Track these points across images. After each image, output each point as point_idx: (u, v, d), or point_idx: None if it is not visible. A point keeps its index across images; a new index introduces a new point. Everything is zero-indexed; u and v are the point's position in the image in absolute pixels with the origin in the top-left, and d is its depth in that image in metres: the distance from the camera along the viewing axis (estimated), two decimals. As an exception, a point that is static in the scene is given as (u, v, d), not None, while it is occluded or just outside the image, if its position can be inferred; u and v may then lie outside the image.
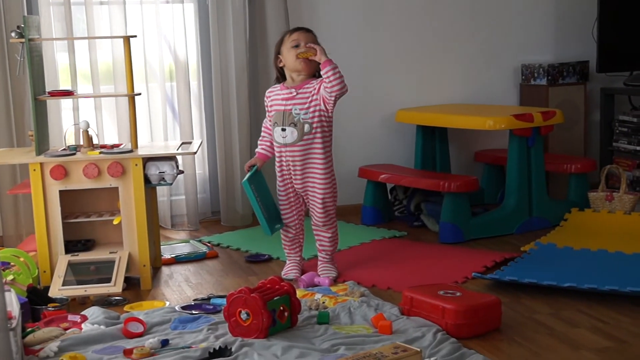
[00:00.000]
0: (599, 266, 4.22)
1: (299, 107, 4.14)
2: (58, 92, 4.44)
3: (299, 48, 4.12)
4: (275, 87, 4.27)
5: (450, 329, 3.37)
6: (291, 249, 4.39)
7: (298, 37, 4.15)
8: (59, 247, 4.21)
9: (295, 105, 4.14)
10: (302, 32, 4.19)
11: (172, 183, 4.33)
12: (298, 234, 4.37)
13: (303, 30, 4.20)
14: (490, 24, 6.09)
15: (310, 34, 4.20)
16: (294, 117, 4.14)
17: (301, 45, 4.12)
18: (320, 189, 4.21)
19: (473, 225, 4.98)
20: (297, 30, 4.20)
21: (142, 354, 3.17)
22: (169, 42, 5.48)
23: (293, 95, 4.16)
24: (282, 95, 4.19)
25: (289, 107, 4.15)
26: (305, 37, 4.15)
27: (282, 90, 4.20)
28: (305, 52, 4.09)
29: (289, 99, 4.16)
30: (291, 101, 4.16)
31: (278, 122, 4.18)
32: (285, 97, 4.17)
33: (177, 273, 4.52)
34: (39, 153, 4.24)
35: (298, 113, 4.14)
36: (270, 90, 4.28)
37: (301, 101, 4.14)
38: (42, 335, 3.37)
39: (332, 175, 4.24)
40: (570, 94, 5.99)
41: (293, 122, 4.14)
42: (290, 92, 4.17)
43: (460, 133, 5.96)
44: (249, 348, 3.21)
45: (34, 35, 4.27)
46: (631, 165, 5.76)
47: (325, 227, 4.29)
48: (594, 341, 3.31)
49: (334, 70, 4.01)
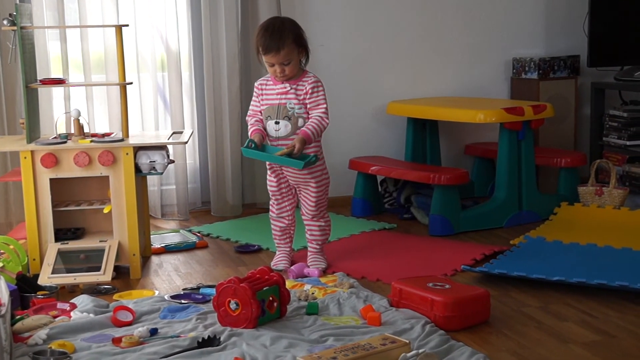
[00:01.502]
0: (588, 260, 4.23)
1: (293, 102, 4.13)
2: (50, 80, 4.45)
3: (275, 68, 4.07)
4: (266, 80, 4.23)
5: (439, 321, 3.37)
6: (281, 239, 4.38)
7: (270, 60, 4.07)
8: (49, 235, 4.20)
9: (290, 100, 4.13)
10: (273, 54, 4.05)
11: (162, 172, 4.33)
12: (290, 225, 4.36)
13: (273, 52, 4.04)
14: (482, 17, 6.10)
15: (283, 51, 4.03)
16: (288, 111, 4.13)
17: (276, 67, 4.07)
18: (314, 181, 4.21)
19: (463, 218, 4.99)
20: (268, 53, 4.05)
21: (131, 342, 3.17)
22: (160, 31, 5.47)
23: (287, 90, 4.14)
24: (277, 89, 4.16)
25: (284, 101, 4.14)
26: (277, 59, 4.05)
27: (276, 85, 4.17)
28: (283, 151, 4.01)
29: (283, 93, 4.15)
30: (285, 95, 4.14)
31: (271, 115, 4.15)
32: (280, 91, 4.15)
33: (167, 262, 4.52)
34: (30, 141, 4.23)
35: (293, 107, 4.13)
36: (262, 83, 4.24)
37: (294, 95, 4.14)
38: (31, 322, 3.36)
39: (324, 167, 4.26)
40: (561, 88, 6.00)
41: (287, 115, 4.13)
42: (285, 87, 4.15)
43: (451, 126, 5.97)
44: (238, 338, 3.21)
45: (26, 23, 4.26)
46: (621, 160, 5.77)
47: (315, 219, 4.28)
48: (582, 335, 3.32)
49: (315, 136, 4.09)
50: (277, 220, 4.36)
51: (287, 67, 4.08)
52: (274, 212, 4.35)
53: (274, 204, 4.35)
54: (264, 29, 4.11)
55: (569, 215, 5.06)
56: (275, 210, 4.34)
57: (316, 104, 4.14)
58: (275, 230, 4.38)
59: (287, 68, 4.08)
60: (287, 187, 4.30)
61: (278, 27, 4.10)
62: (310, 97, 4.13)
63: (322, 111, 4.13)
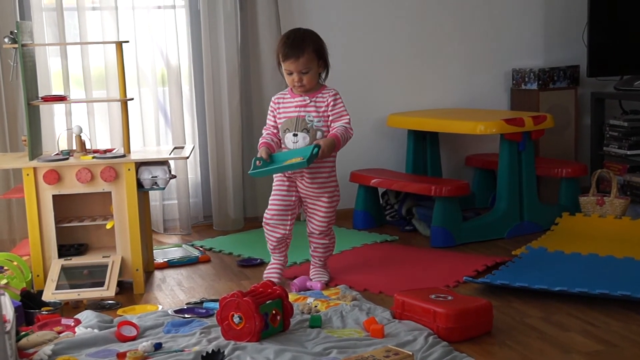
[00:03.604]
0: (590, 270, 4.23)
1: (313, 115, 4.11)
2: (51, 97, 4.46)
3: (293, 76, 4.06)
4: (284, 94, 4.22)
5: (442, 332, 3.38)
6: (277, 249, 4.29)
7: (289, 67, 4.06)
8: (52, 251, 4.22)
9: (309, 113, 4.11)
10: (292, 60, 4.05)
11: (164, 187, 4.34)
12: (288, 235, 4.26)
13: (293, 59, 4.05)
14: (481, 29, 6.12)
15: (302, 59, 4.04)
16: (307, 124, 4.10)
17: (294, 75, 4.06)
18: (326, 196, 4.19)
19: (464, 230, 5.00)
20: (287, 59, 4.05)
21: (136, 357, 3.18)
22: (161, 47, 5.49)
23: (307, 103, 4.13)
24: (295, 102, 4.14)
25: (303, 113, 4.11)
26: (296, 66, 4.04)
27: (294, 97, 4.15)
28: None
29: (302, 106, 4.13)
30: (304, 108, 4.12)
31: (290, 128, 4.12)
32: (299, 104, 4.13)
33: (170, 277, 4.53)
34: (32, 158, 4.25)
35: (312, 120, 4.10)
36: (279, 97, 4.22)
37: (314, 109, 4.12)
38: (35, 339, 3.37)
39: (337, 184, 4.25)
40: (560, 99, 6.01)
41: (306, 127, 4.10)
42: (304, 99, 4.13)
43: (451, 137, 5.98)
44: (242, 351, 3.22)
45: (27, 40, 4.28)
46: (622, 169, 5.78)
47: (322, 235, 4.26)
48: (584, 345, 3.32)
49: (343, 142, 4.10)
50: (275, 229, 4.24)
51: (305, 77, 4.05)
52: (272, 220, 4.22)
53: (274, 212, 4.22)
54: (286, 37, 4.12)
55: (571, 226, 5.07)
56: (274, 219, 4.22)
57: (339, 115, 4.12)
58: (271, 240, 4.27)
59: (305, 77, 4.06)
60: (295, 199, 4.23)
61: (300, 36, 4.11)
62: (333, 109, 4.11)
63: (347, 121, 4.11)
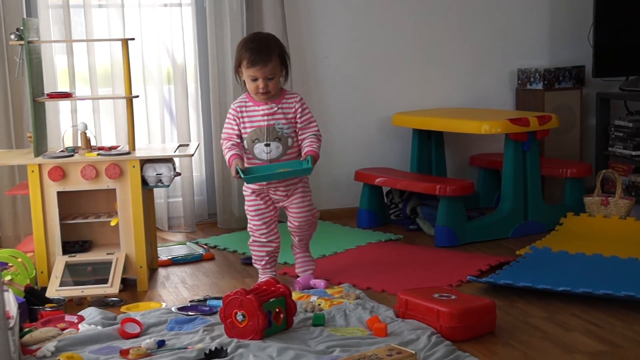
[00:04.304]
0: (594, 270, 4.23)
1: (282, 122, 3.98)
2: (56, 94, 4.47)
3: (258, 82, 3.91)
4: (245, 101, 4.03)
5: (445, 331, 3.38)
6: (268, 263, 4.16)
7: (255, 73, 3.90)
8: (56, 248, 4.22)
9: (278, 121, 3.98)
10: (260, 67, 3.90)
11: (169, 185, 4.34)
12: (277, 248, 4.16)
13: (260, 65, 3.89)
14: (487, 29, 6.11)
15: (270, 65, 3.91)
16: (277, 132, 3.97)
17: (259, 81, 3.91)
18: (308, 198, 4.11)
19: (468, 229, 5.00)
20: (254, 66, 3.89)
21: (139, 354, 3.19)
22: (166, 45, 5.49)
23: (274, 111, 3.99)
24: (261, 110, 3.98)
25: (272, 122, 3.97)
26: (263, 72, 3.90)
27: (259, 105, 3.99)
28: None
29: (269, 114, 3.98)
30: (273, 116, 3.98)
31: (260, 138, 3.96)
32: (266, 112, 3.98)
33: (174, 275, 4.53)
34: (38, 154, 4.25)
35: (281, 128, 3.98)
36: (240, 105, 4.03)
37: (283, 115, 4.00)
38: (39, 335, 3.38)
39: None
40: (566, 99, 6.01)
41: (277, 136, 3.97)
42: (271, 107, 3.99)
43: (456, 137, 5.98)
44: (245, 349, 3.22)
45: (33, 37, 4.29)
46: (627, 170, 5.77)
47: (308, 225, 4.14)
48: (588, 345, 3.32)
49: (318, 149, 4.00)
50: (266, 246, 4.12)
51: (270, 83, 3.93)
52: (261, 238, 4.10)
53: (261, 228, 4.09)
54: (249, 41, 3.98)
55: (575, 226, 5.06)
56: (262, 237, 4.10)
57: (308, 122, 4.03)
58: (261, 255, 4.15)
59: (270, 84, 3.93)
60: (274, 213, 4.12)
61: (265, 40, 4.00)
62: (302, 116, 4.01)
63: (317, 129, 4.03)
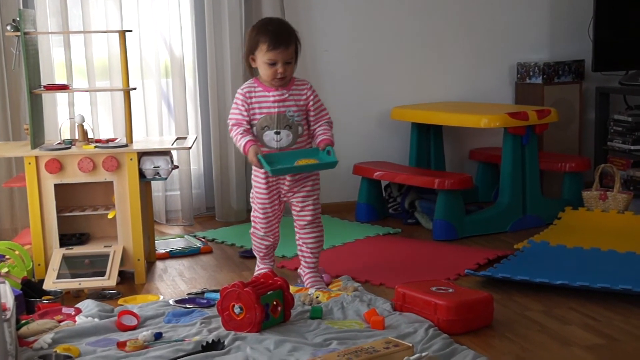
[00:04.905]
0: (592, 264, 4.24)
1: (292, 110, 3.88)
2: (54, 86, 4.46)
3: (277, 67, 3.80)
4: (254, 87, 3.91)
5: (442, 324, 3.38)
6: (267, 256, 4.12)
7: (275, 57, 3.78)
8: (53, 240, 4.22)
9: (289, 107, 3.87)
10: (282, 50, 3.79)
11: (166, 178, 4.34)
12: (276, 242, 4.11)
13: (282, 48, 3.78)
14: (486, 22, 6.10)
15: (290, 48, 3.82)
16: (288, 119, 3.86)
17: (278, 65, 3.80)
18: (314, 190, 4.00)
19: (467, 223, 4.99)
20: (276, 49, 3.78)
21: (136, 346, 3.18)
22: (164, 38, 5.48)
23: (286, 97, 3.88)
24: (272, 96, 3.87)
25: (283, 109, 3.86)
26: (284, 55, 3.80)
27: (270, 91, 3.88)
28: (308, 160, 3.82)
29: (281, 101, 3.87)
30: (284, 103, 3.87)
31: (270, 125, 3.85)
32: (277, 98, 3.87)
33: (171, 268, 4.53)
34: (35, 147, 4.25)
35: (292, 115, 3.87)
36: (249, 90, 3.91)
37: (294, 102, 3.89)
38: (36, 327, 3.38)
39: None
40: (565, 93, 6.00)
41: (288, 124, 3.86)
42: (282, 93, 3.88)
43: (455, 131, 5.97)
44: (242, 342, 3.22)
45: (30, 29, 4.28)
46: (625, 164, 5.77)
47: (314, 225, 4.01)
48: (585, 338, 3.32)
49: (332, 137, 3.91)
50: (264, 239, 4.06)
51: (288, 67, 3.83)
52: (260, 231, 4.03)
53: (262, 222, 4.01)
54: (267, 24, 3.87)
55: (573, 220, 5.06)
56: (262, 229, 4.02)
57: (320, 110, 3.94)
58: (260, 248, 4.10)
59: (288, 68, 3.83)
60: (279, 204, 4.03)
61: (283, 24, 3.92)
62: (315, 104, 3.92)
63: (329, 117, 3.96)
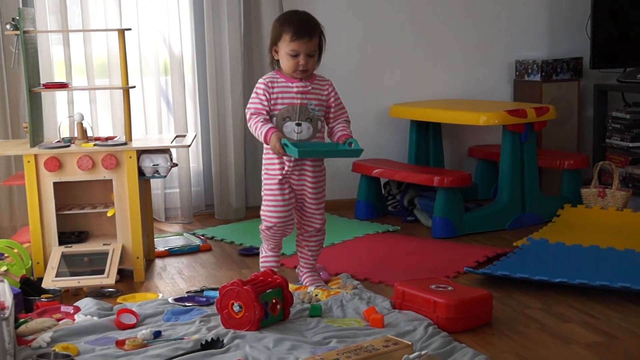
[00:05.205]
0: (591, 262, 4.24)
1: (314, 103, 3.81)
2: (53, 84, 4.45)
3: (299, 59, 3.73)
4: (276, 78, 3.82)
5: (442, 322, 3.38)
6: (277, 246, 4.02)
7: (299, 48, 3.71)
8: (52, 238, 4.22)
9: (311, 100, 3.80)
10: (305, 40, 3.72)
11: (166, 176, 4.34)
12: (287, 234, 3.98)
13: (306, 38, 3.72)
14: (485, 20, 6.11)
15: (314, 40, 3.76)
16: (309, 112, 3.79)
17: (300, 57, 3.73)
18: (323, 188, 3.93)
19: (466, 221, 5.00)
20: (300, 39, 3.71)
21: (135, 345, 3.18)
22: (164, 35, 5.48)
23: (309, 90, 3.81)
24: (295, 87, 3.78)
25: (305, 100, 3.78)
26: (307, 47, 3.73)
27: (294, 82, 3.79)
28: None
29: (304, 93, 3.79)
30: (307, 95, 3.79)
31: (291, 116, 3.77)
32: (300, 90, 3.78)
33: (171, 265, 4.53)
34: (34, 145, 4.24)
35: (313, 108, 3.80)
36: (271, 80, 3.81)
37: (316, 96, 3.82)
38: (35, 325, 3.38)
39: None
40: (563, 90, 6.00)
41: (309, 117, 3.79)
42: (305, 85, 3.80)
43: (454, 128, 5.97)
44: (241, 340, 3.22)
45: (29, 27, 4.27)
46: (624, 161, 5.77)
47: (321, 231, 3.96)
48: (584, 336, 3.32)
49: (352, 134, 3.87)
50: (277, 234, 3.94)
51: (311, 60, 3.76)
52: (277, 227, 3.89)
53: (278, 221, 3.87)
54: (292, 14, 3.83)
55: (572, 217, 5.06)
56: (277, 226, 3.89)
57: (340, 107, 3.90)
58: (273, 242, 3.99)
59: (311, 61, 3.76)
60: (293, 196, 3.91)
61: (308, 15, 3.85)
62: (336, 101, 3.88)
63: (347, 116, 3.92)
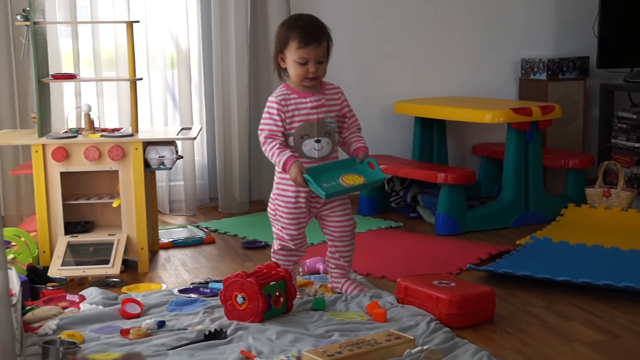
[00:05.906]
0: (594, 261, 4.24)
1: (330, 115, 3.59)
2: (61, 75, 4.47)
3: (308, 66, 3.50)
4: (287, 94, 3.57)
5: (444, 318, 3.39)
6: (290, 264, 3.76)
7: (307, 54, 3.48)
8: (58, 228, 4.24)
9: (327, 113, 3.58)
10: (314, 47, 3.48)
11: (171, 168, 4.36)
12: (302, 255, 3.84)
13: (314, 44, 3.48)
14: (491, 18, 6.11)
15: (323, 45, 3.52)
16: (327, 127, 3.58)
17: (310, 64, 3.50)
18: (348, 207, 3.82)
19: (469, 218, 5.00)
20: (308, 45, 3.47)
21: (139, 334, 3.20)
22: (170, 29, 5.50)
23: (322, 103, 3.59)
24: (309, 102, 3.56)
25: (321, 115, 3.57)
26: (316, 53, 3.49)
27: (306, 97, 3.57)
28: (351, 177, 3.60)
29: (318, 107, 3.57)
30: (322, 109, 3.58)
31: (309, 133, 3.54)
32: (315, 104, 3.56)
33: (174, 257, 4.54)
34: (41, 135, 4.26)
35: (330, 122, 3.59)
36: (284, 97, 3.55)
37: (330, 108, 3.61)
38: (41, 313, 3.40)
39: None
40: (569, 90, 6.01)
41: (327, 131, 3.57)
42: (319, 99, 3.57)
43: (458, 126, 5.98)
44: (244, 331, 3.24)
45: (39, 18, 4.29)
46: (629, 162, 5.78)
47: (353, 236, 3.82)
48: (587, 335, 3.33)
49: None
50: (294, 255, 3.75)
51: (320, 67, 3.53)
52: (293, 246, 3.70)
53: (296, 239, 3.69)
54: (296, 20, 3.59)
55: (576, 217, 5.07)
56: (296, 245, 3.70)
57: (352, 114, 3.71)
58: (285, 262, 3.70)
59: (321, 67, 3.53)
60: (308, 213, 3.71)
61: (314, 19, 3.60)
62: (348, 108, 3.69)
63: (359, 124, 3.73)
